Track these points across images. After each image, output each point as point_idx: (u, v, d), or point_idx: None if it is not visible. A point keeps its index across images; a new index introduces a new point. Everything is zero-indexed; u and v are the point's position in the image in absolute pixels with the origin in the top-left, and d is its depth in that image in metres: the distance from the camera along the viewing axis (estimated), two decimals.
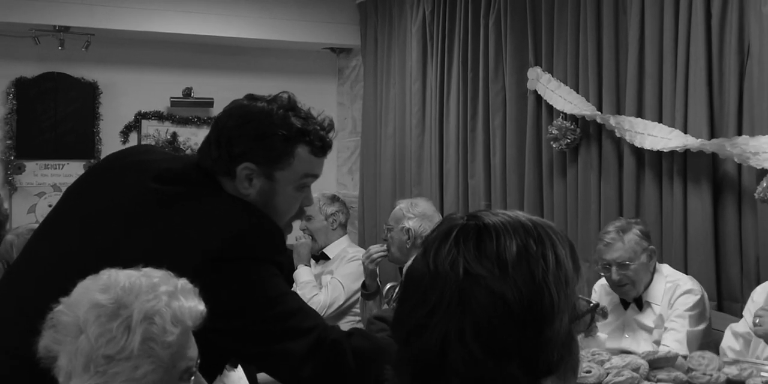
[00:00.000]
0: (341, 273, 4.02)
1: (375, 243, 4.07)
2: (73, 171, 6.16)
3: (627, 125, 3.80)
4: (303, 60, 6.78)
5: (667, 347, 2.95)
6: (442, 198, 5.26)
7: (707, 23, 3.53)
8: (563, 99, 4.22)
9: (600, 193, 4.08)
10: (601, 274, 3.19)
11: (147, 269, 1.46)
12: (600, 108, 4.06)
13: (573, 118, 4.19)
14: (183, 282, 1.47)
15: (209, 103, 6.45)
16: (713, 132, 3.53)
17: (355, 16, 6.39)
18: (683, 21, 3.61)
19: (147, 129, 6.35)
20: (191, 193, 1.77)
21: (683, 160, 3.62)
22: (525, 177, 4.58)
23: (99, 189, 1.84)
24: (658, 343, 3.07)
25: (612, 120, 3.88)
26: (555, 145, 4.22)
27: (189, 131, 6.50)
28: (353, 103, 6.72)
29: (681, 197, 3.63)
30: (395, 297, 3.58)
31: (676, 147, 3.56)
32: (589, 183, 4.15)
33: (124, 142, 6.28)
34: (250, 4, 6.08)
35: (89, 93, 6.17)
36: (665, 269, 3.22)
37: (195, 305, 1.45)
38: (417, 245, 3.71)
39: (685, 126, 3.61)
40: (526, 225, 1.06)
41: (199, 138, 6.35)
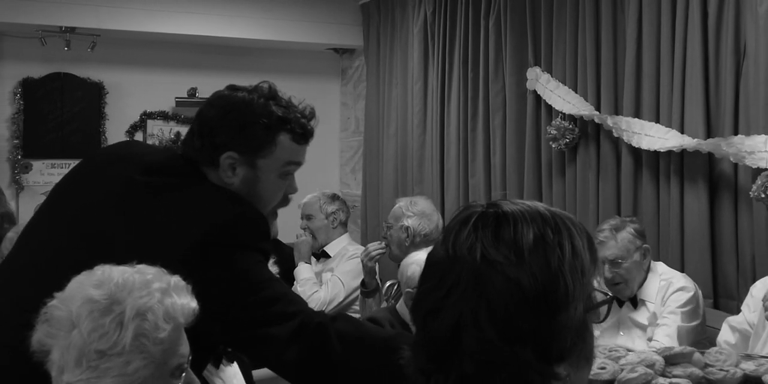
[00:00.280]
0: (341, 270, 4.03)
1: (377, 241, 4.07)
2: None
3: (624, 125, 3.80)
4: (306, 60, 6.78)
5: (659, 342, 2.95)
6: (443, 197, 5.26)
7: (704, 23, 3.53)
8: (562, 99, 4.22)
9: (598, 193, 4.09)
10: None
11: (141, 266, 1.47)
12: (598, 108, 4.07)
13: (571, 118, 4.19)
14: (176, 279, 1.48)
15: None
16: (709, 132, 3.53)
17: (358, 16, 6.40)
18: (680, 21, 3.61)
19: (152, 129, 6.36)
20: (176, 184, 1.78)
21: (680, 159, 3.63)
22: (524, 176, 4.58)
23: (87, 183, 1.86)
24: (651, 341, 3.07)
25: (609, 120, 3.88)
26: (554, 145, 4.22)
27: None
28: (356, 103, 6.73)
29: (678, 196, 3.63)
30: (394, 294, 3.60)
31: (672, 147, 3.56)
32: (588, 182, 4.15)
33: None
34: (254, 5, 6.09)
35: (95, 93, 6.18)
36: (660, 267, 3.23)
37: (187, 302, 1.46)
38: (416, 243, 3.72)
39: (682, 126, 3.61)
40: (544, 214, 1.08)
41: None
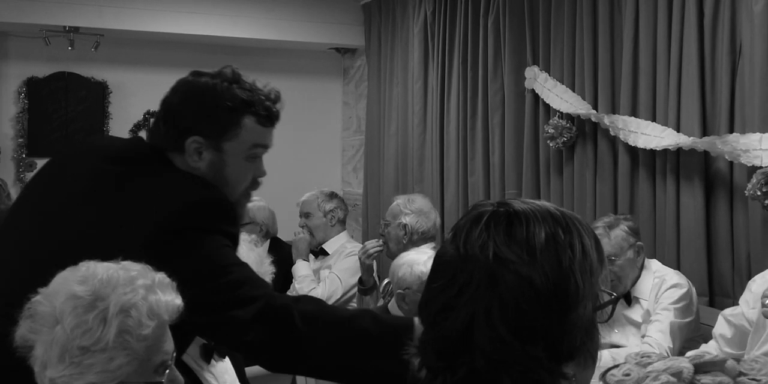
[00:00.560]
0: (339, 268, 4.02)
1: (375, 239, 4.06)
2: None
3: (621, 124, 3.78)
4: (308, 60, 6.78)
5: (651, 338, 2.93)
6: (442, 195, 5.25)
7: (699, 22, 3.51)
8: (559, 98, 4.21)
9: (595, 191, 4.06)
10: None
11: (125, 262, 1.47)
12: (595, 106, 4.04)
13: (569, 116, 4.18)
14: (161, 276, 1.47)
15: None
16: (705, 130, 3.51)
17: (360, 16, 6.38)
18: (676, 20, 3.59)
19: None
20: (142, 171, 1.78)
21: (676, 158, 3.60)
22: (523, 175, 4.57)
23: (58, 178, 1.86)
24: (644, 337, 3.05)
25: (606, 119, 3.86)
26: (551, 144, 4.20)
27: None
28: (358, 103, 6.72)
29: (674, 194, 3.61)
30: (391, 291, 3.58)
31: (668, 145, 3.54)
32: (585, 181, 4.13)
33: None
34: (256, 5, 6.08)
35: (99, 92, 6.19)
36: (654, 265, 3.20)
37: (172, 299, 1.46)
38: (413, 241, 3.71)
39: (678, 124, 3.59)
40: (554, 214, 1.08)
41: None
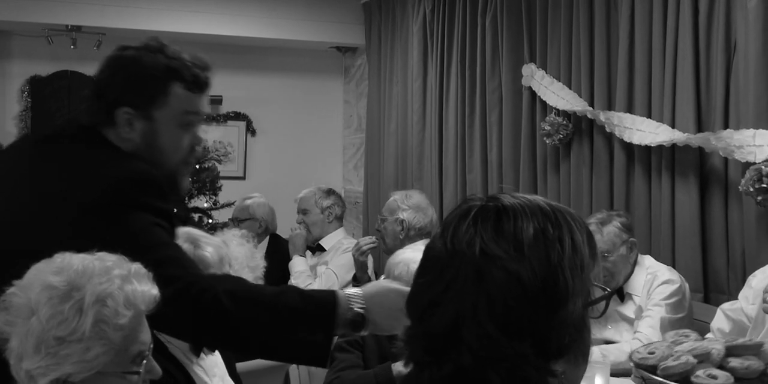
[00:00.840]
0: (335, 264, 4.00)
1: (369, 236, 4.05)
2: None
3: (616, 120, 3.76)
4: (310, 59, 6.77)
5: (642, 334, 2.91)
6: (441, 193, 5.23)
7: (694, 19, 3.48)
8: (556, 95, 4.18)
9: (592, 188, 4.04)
10: None
11: (101, 253, 1.45)
12: (592, 103, 4.02)
13: (565, 113, 4.15)
14: (137, 266, 1.46)
15: (218, 101, 6.45)
16: (700, 126, 3.48)
17: (360, 15, 6.37)
18: (671, 17, 3.56)
19: None
20: (71, 148, 1.78)
21: (671, 154, 3.58)
22: (520, 172, 4.55)
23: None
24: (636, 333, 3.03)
25: (602, 115, 3.84)
26: (548, 141, 4.18)
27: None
28: (359, 101, 6.71)
29: (669, 191, 3.59)
30: None
31: (663, 141, 3.51)
32: (582, 177, 4.11)
33: None
34: (257, 4, 6.07)
35: None
36: (647, 261, 3.17)
37: (148, 289, 1.44)
38: (410, 236, 3.69)
39: (673, 121, 3.56)
40: (544, 209, 1.05)
41: (209, 135, 6.46)
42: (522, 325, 0.99)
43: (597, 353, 2.83)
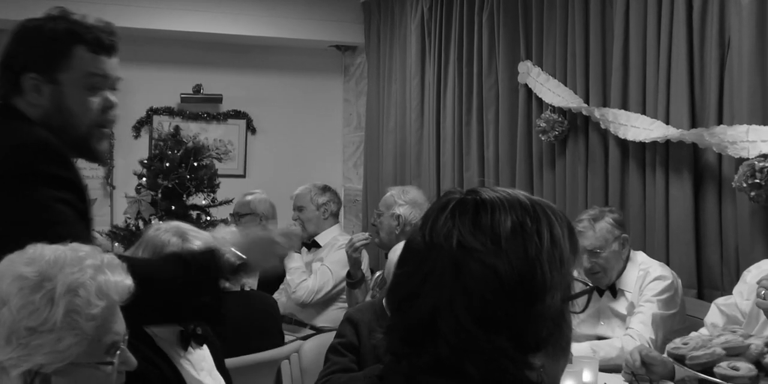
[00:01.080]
0: (330, 260, 3.98)
1: (362, 232, 4.02)
2: (86, 164, 6.13)
3: (611, 117, 3.73)
4: (310, 57, 6.75)
5: (633, 330, 2.87)
6: (439, 190, 5.21)
7: (688, 16, 3.45)
8: (551, 92, 4.16)
9: (587, 184, 4.01)
10: None
11: (74, 244, 1.43)
12: (587, 100, 3.99)
13: (561, 110, 4.12)
14: (110, 256, 1.44)
15: (218, 99, 6.44)
16: (694, 122, 3.45)
17: (360, 14, 6.35)
18: (665, 13, 3.53)
19: (158, 124, 6.33)
20: None
21: (665, 150, 3.55)
22: (516, 169, 4.52)
23: None
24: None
25: (597, 112, 3.81)
26: (543, 138, 4.16)
27: (199, 126, 6.48)
28: (358, 100, 6.69)
29: (663, 187, 3.56)
30: (381, 283, 3.54)
31: (657, 138, 3.48)
32: (577, 174, 4.08)
33: (136, 136, 6.28)
34: (257, 2, 6.05)
35: None
36: (639, 257, 3.14)
37: (122, 280, 1.42)
38: (405, 231, 3.67)
39: (667, 117, 3.53)
40: (523, 203, 1.04)
41: (209, 133, 6.46)
42: (499, 318, 0.98)
43: (588, 349, 2.81)
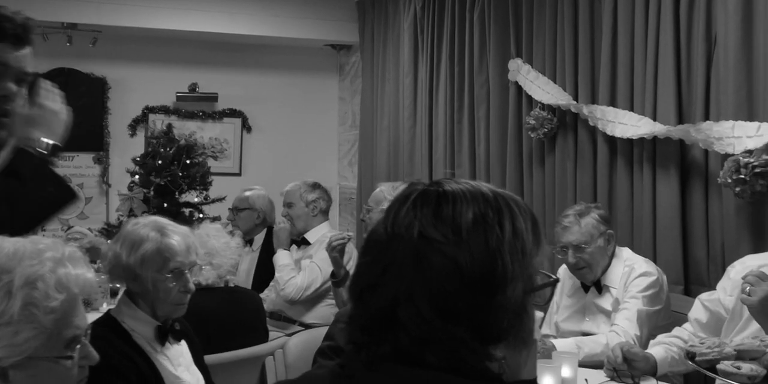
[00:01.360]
0: (319, 257, 3.94)
1: (340, 231, 4.00)
2: (83, 163, 6.16)
3: (599, 114, 3.70)
4: (305, 56, 6.73)
5: (618, 326, 2.84)
6: None
7: (675, 12, 3.42)
8: (541, 89, 4.13)
9: (576, 181, 3.99)
10: (559, 256, 3.09)
11: (35, 236, 1.40)
12: (576, 97, 3.97)
13: (550, 108, 4.09)
14: (71, 249, 1.41)
15: (214, 98, 6.42)
16: (681, 119, 3.42)
17: (354, 13, 6.33)
18: (653, 10, 3.51)
19: (154, 122, 6.31)
20: None
21: (653, 147, 3.52)
22: (507, 166, 4.49)
23: None
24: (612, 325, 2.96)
25: (585, 109, 3.78)
26: (533, 135, 4.13)
27: (195, 125, 6.46)
28: (353, 98, 6.66)
29: (650, 183, 3.53)
30: None
31: (644, 134, 3.45)
32: (566, 171, 4.05)
33: (132, 135, 6.27)
34: (253, 2, 6.04)
35: (98, 88, 6.16)
36: (625, 253, 3.10)
37: (83, 273, 1.39)
38: None
39: (655, 113, 3.50)
40: (486, 194, 1.03)
41: (205, 131, 6.44)
42: (459, 309, 0.96)
43: (573, 345, 2.77)
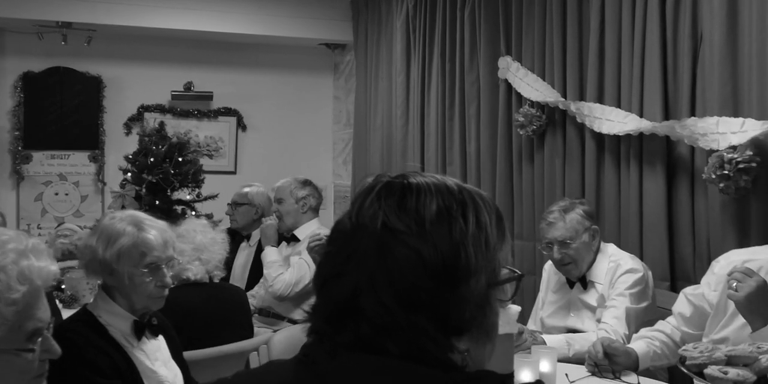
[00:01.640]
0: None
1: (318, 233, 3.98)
2: (78, 161, 6.14)
3: (586, 111, 3.68)
4: (300, 55, 6.70)
5: (607, 324, 2.81)
6: None
7: (662, 9, 3.40)
8: (530, 87, 4.11)
9: (564, 178, 3.97)
10: (544, 252, 3.07)
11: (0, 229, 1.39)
12: (565, 94, 3.94)
13: (539, 105, 4.07)
14: (35, 241, 1.39)
15: (209, 97, 6.40)
16: (667, 115, 3.40)
17: (348, 12, 6.30)
18: (639, 8, 3.49)
19: (149, 121, 6.28)
20: None
21: (639, 143, 3.50)
22: (497, 163, 4.47)
23: None
24: (599, 322, 2.93)
25: (573, 106, 3.76)
26: (521, 132, 4.12)
27: (190, 123, 6.44)
28: (348, 97, 6.64)
29: (637, 180, 3.51)
30: None
31: (630, 130, 3.43)
32: (555, 168, 4.03)
33: (127, 133, 6.25)
34: (248, 1, 6.01)
35: (94, 87, 6.13)
36: (610, 249, 3.07)
37: (46, 265, 1.38)
38: None
39: (641, 110, 3.48)
40: (451, 188, 1.03)
41: (200, 130, 6.42)
42: (420, 298, 0.96)
43: (563, 341, 2.75)
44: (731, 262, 2.57)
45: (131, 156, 4.79)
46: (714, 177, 2.96)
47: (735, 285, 2.33)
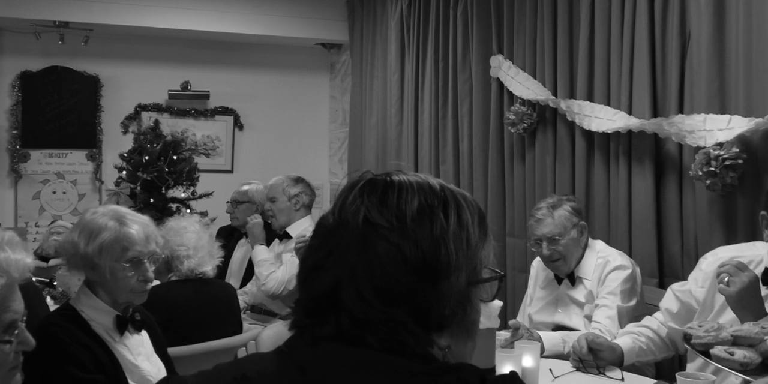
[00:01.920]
0: None
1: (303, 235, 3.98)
2: (76, 160, 6.14)
3: (576, 108, 3.67)
4: (296, 55, 6.70)
5: (600, 324, 2.80)
6: None
7: (650, 9, 3.39)
8: (521, 85, 4.10)
9: (555, 176, 3.96)
10: (533, 249, 3.06)
11: None
12: (555, 92, 3.94)
13: (530, 103, 4.07)
14: (10, 234, 1.38)
15: (206, 96, 6.39)
16: (656, 112, 3.39)
17: (344, 12, 6.30)
18: (629, 7, 3.48)
19: (146, 120, 6.28)
20: None
21: (628, 140, 3.49)
22: (489, 161, 4.46)
23: None
24: (589, 319, 2.92)
25: (563, 104, 3.75)
26: (512, 130, 4.11)
27: (187, 123, 6.43)
28: (343, 96, 6.64)
29: (626, 177, 3.50)
30: None
31: (619, 128, 3.42)
32: (545, 165, 4.03)
33: (124, 132, 6.24)
34: (244, 1, 6.00)
35: (91, 86, 6.13)
36: (598, 245, 3.07)
37: (22, 258, 1.37)
38: None
39: (630, 107, 3.47)
40: (433, 186, 1.04)
41: (197, 129, 6.41)
42: (400, 293, 0.97)
43: (559, 338, 2.74)
44: (719, 258, 2.54)
45: (126, 154, 4.78)
46: (701, 174, 2.95)
47: (727, 279, 2.29)
